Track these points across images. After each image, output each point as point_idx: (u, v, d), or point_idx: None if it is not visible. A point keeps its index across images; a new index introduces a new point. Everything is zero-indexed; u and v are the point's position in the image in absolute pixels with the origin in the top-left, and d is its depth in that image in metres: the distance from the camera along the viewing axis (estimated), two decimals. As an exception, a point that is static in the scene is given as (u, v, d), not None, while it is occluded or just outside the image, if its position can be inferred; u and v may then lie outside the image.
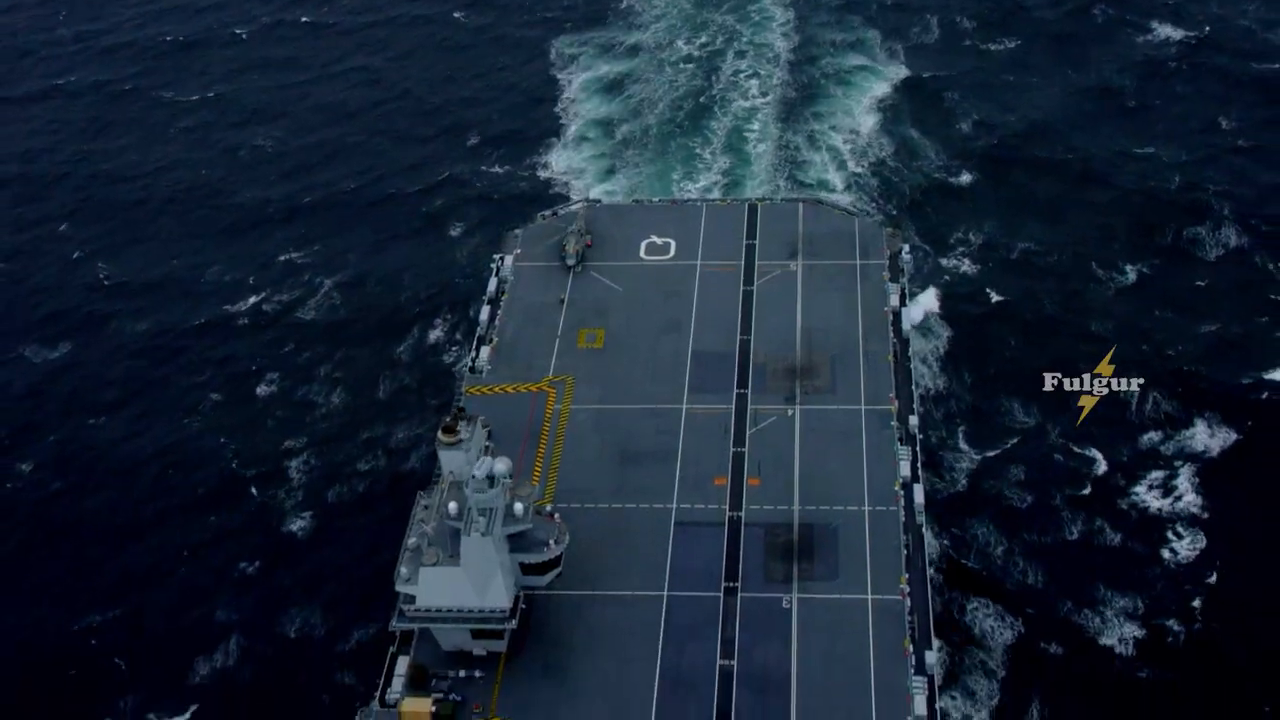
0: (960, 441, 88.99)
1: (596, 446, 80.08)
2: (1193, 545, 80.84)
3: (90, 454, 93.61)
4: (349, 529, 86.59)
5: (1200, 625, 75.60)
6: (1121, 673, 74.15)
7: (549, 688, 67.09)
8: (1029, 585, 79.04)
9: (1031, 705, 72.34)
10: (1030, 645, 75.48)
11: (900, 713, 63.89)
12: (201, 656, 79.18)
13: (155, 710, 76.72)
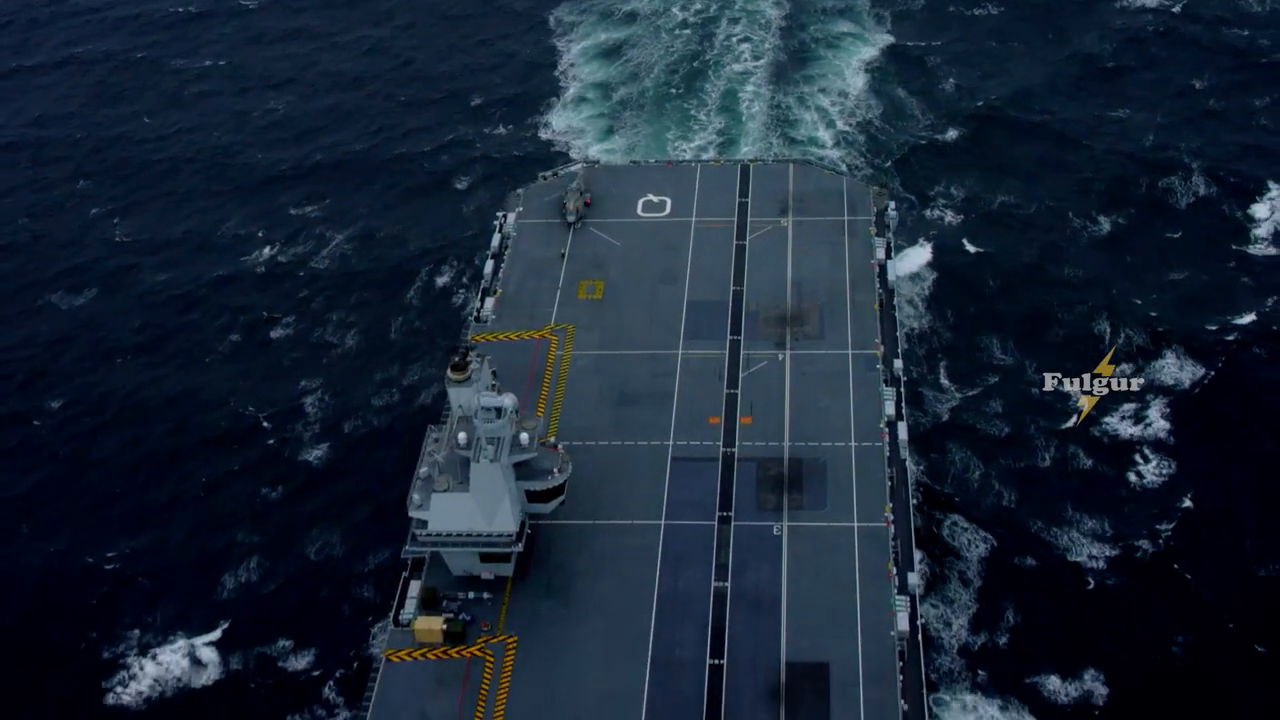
0: (941, 376, 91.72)
1: (596, 389, 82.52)
2: (1160, 470, 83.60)
3: (114, 395, 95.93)
4: (365, 460, 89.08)
5: (1165, 543, 78.52)
6: (1090, 585, 77.11)
7: (553, 608, 69.65)
8: (1003, 506, 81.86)
9: (1006, 613, 75.21)
10: (1004, 559, 78.34)
11: (884, 629, 66.52)
12: (228, 573, 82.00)
13: (183, 626, 79.43)
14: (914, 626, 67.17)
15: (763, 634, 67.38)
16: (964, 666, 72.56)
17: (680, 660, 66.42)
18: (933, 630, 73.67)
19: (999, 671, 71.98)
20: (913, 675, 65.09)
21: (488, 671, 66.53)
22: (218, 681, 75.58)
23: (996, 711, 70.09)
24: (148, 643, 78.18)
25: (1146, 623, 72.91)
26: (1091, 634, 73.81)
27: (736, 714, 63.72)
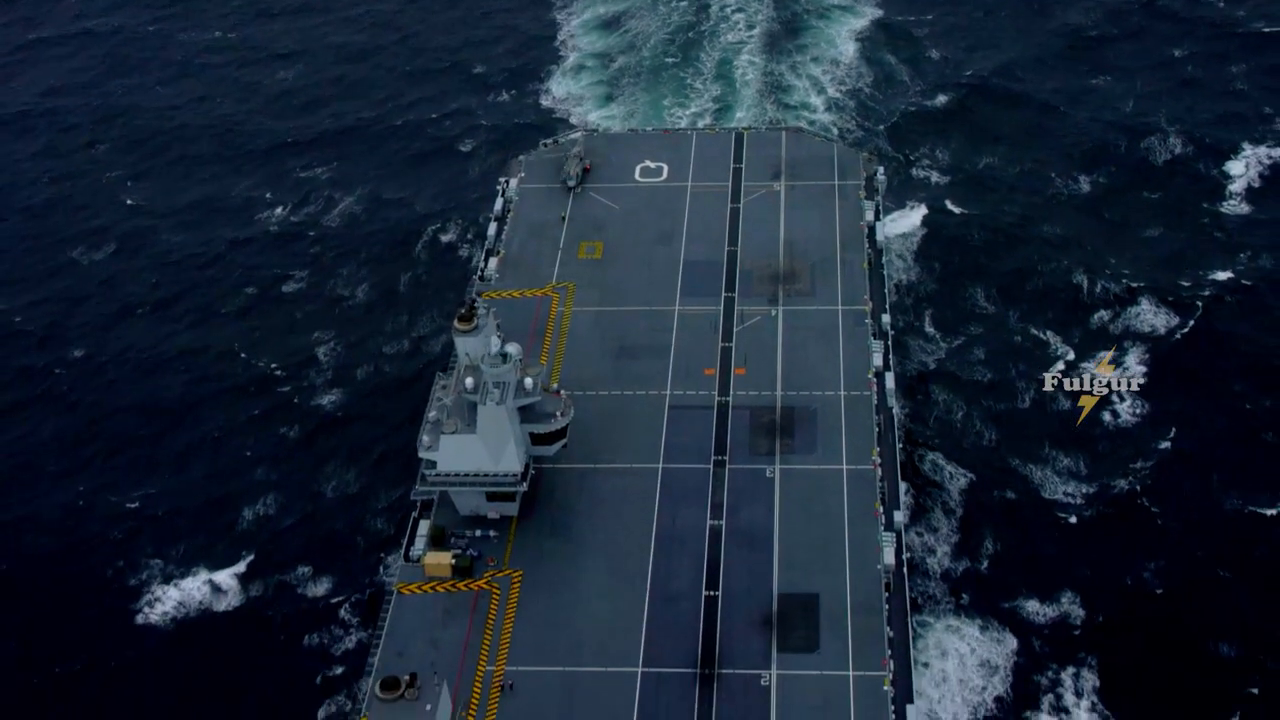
0: (926, 324, 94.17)
1: (596, 343, 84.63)
2: (1135, 411, 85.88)
3: (132, 347, 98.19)
4: (377, 405, 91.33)
5: (1138, 479, 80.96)
6: (1066, 518, 79.51)
7: (556, 545, 71.85)
8: (983, 445, 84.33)
9: (985, 541, 77.70)
10: (983, 492, 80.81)
11: (871, 562, 68.75)
12: (246, 509, 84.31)
13: (204, 557, 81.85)
14: (900, 560, 69.36)
15: (756, 568, 69.48)
16: (946, 591, 75.06)
17: (677, 592, 68.48)
18: (917, 557, 76.11)
19: (980, 595, 74.49)
20: (898, 605, 67.20)
21: (494, 603, 68.54)
22: (239, 607, 78.07)
23: (977, 631, 72.56)
24: (170, 573, 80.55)
25: (1119, 552, 75.38)
26: (1067, 562, 76.24)
27: (731, 641, 65.73)
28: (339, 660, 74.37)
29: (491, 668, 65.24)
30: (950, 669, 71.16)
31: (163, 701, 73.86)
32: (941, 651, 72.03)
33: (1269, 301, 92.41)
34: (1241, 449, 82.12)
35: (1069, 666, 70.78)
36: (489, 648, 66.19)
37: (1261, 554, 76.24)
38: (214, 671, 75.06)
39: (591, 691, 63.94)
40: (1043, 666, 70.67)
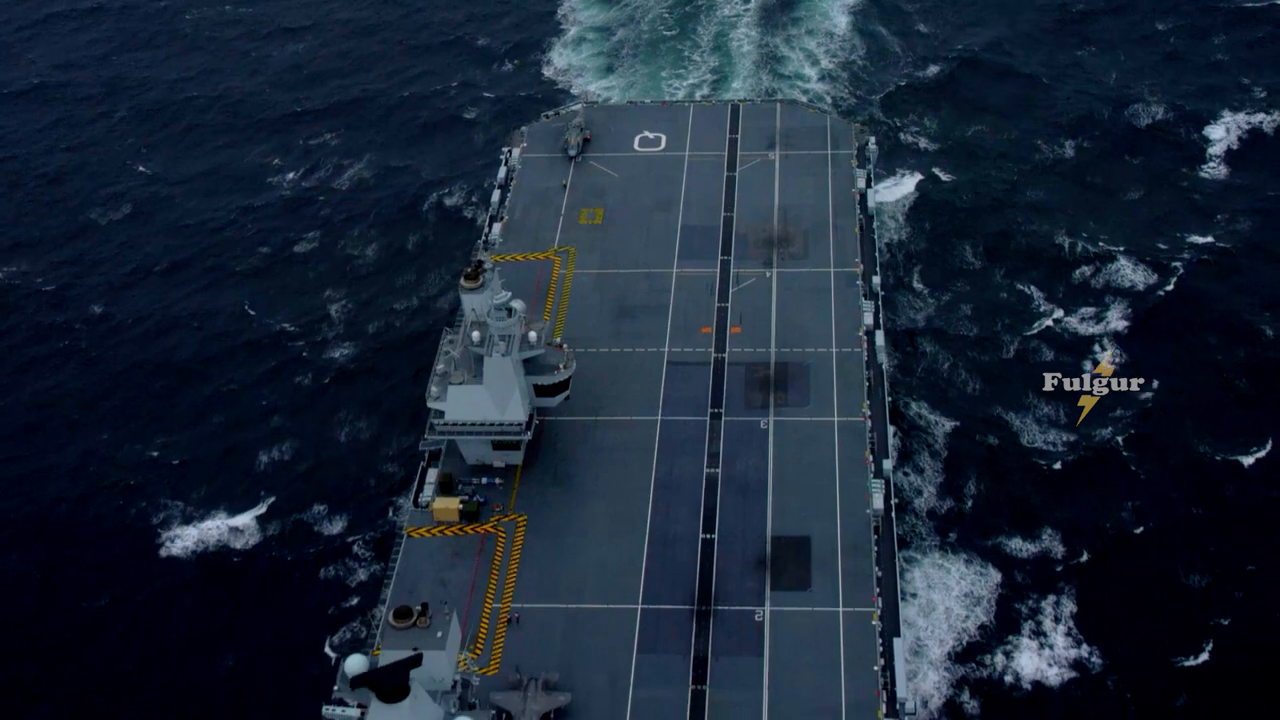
0: (915, 280, 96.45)
1: (597, 303, 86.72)
2: (1114, 362, 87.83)
3: (152, 306, 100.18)
4: (387, 358, 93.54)
5: (1117, 427, 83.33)
6: (1046, 462, 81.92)
7: (559, 492, 74.09)
8: (968, 394, 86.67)
9: (969, 482, 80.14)
10: (967, 437, 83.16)
11: (860, 508, 71.05)
12: (262, 453, 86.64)
13: (224, 498, 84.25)
14: (888, 505, 71.56)
15: (750, 513, 71.79)
16: (932, 529, 77.46)
17: (675, 536, 70.78)
18: (905, 496, 78.55)
19: (964, 533, 77.04)
20: (886, 548, 69.49)
21: (500, 546, 70.80)
22: (257, 544, 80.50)
23: (962, 566, 75.00)
24: (190, 514, 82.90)
25: (1098, 494, 77.78)
26: (1048, 503, 78.70)
27: (726, 581, 68.02)
28: (354, 592, 76.85)
29: (498, 605, 67.37)
30: (936, 599, 73.72)
31: (185, 632, 76.23)
32: (928, 584, 74.52)
33: (1243, 263, 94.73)
34: (1215, 400, 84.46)
35: (1049, 595, 73.51)
36: (495, 587, 68.44)
37: (1231, 494, 78.90)
38: (234, 603, 77.51)
39: (594, 626, 66.17)
40: (1024, 596, 73.33)
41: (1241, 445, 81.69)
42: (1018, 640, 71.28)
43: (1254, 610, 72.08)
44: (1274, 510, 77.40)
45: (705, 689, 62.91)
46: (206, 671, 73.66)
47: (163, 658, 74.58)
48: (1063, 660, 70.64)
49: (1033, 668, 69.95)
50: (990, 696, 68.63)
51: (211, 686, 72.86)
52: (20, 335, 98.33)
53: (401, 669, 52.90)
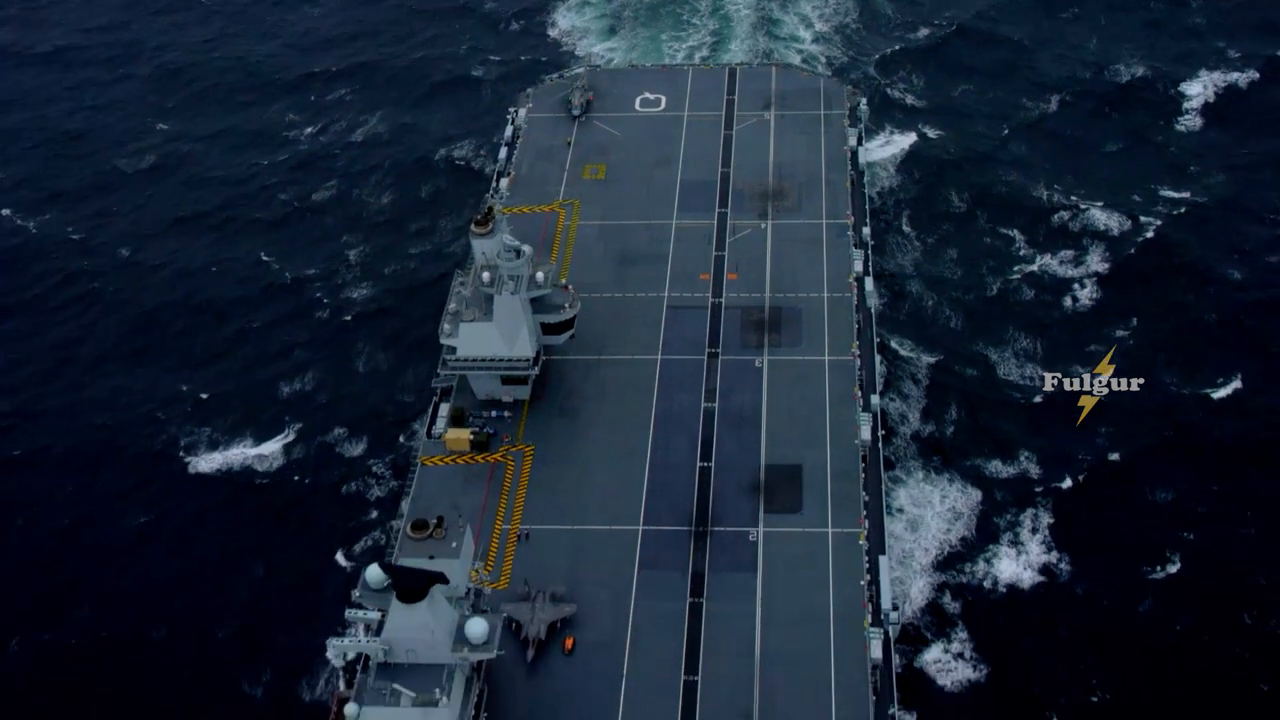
0: (904, 224, 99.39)
1: (600, 252, 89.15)
2: (1092, 297, 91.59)
3: (179, 253, 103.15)
4: (403, 298, 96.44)
5: (1090, 358, 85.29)
6: (1023, 395, 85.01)
7: (564, 424, 76.74)
8: (951, 329, 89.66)
9: (950, 409, 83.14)
10: (949, 368, 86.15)
11: (849, 438, 73.73)
12: (284, 384, 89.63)
13: (250, 424, 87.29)
14: (875, 437, 74.28)
15: (745, 443, 74.45)
16: (916, 451, 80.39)
17: (674, 464, 73.44)
18: (890, 422, 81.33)
19: (946, 455, 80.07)
20: (873, 475, 72.22)
21: (509, 473, 73.51)
22: (282, 466, 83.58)
23: (945, 484, 77.99)
24: (217, 440, 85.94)
25: (1072, 424, 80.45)
26: (1025, 431, 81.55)
27: (722, 504, 70.79)
28: (373, 505, 79.90)
29: (507, 526, 70.17)
30: (920, 515, 76.69)
31: (215, 546, 79.35)
32: (913, 502, 77.45)
33: (1214, 214, 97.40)
34: (1184, 339, 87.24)
35: (1027, 509, 76.63)
36: (504, 509, 71.15)
37: (1196, 422, 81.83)
38: (262, 517, 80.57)
39: (597, 545, 68.93)
40: (1002, 512, 76.39)
41: (1206, 378, 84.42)
42: (996, 550, 74.36)
43: (1218, 528, 75.07)
44: (1240, 439, 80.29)
45: (702, 602, 65.58)
46: (236, 581, 76.92)
47: (194, 570, 77.72)
48: (1037, 566, 73.76)
49: (1010, 573, 73.10)
50: (969, 599, 71.89)
51: (241, 595, 76.13)
52: (52, 279, 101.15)
53: (423, 576, 55.59)
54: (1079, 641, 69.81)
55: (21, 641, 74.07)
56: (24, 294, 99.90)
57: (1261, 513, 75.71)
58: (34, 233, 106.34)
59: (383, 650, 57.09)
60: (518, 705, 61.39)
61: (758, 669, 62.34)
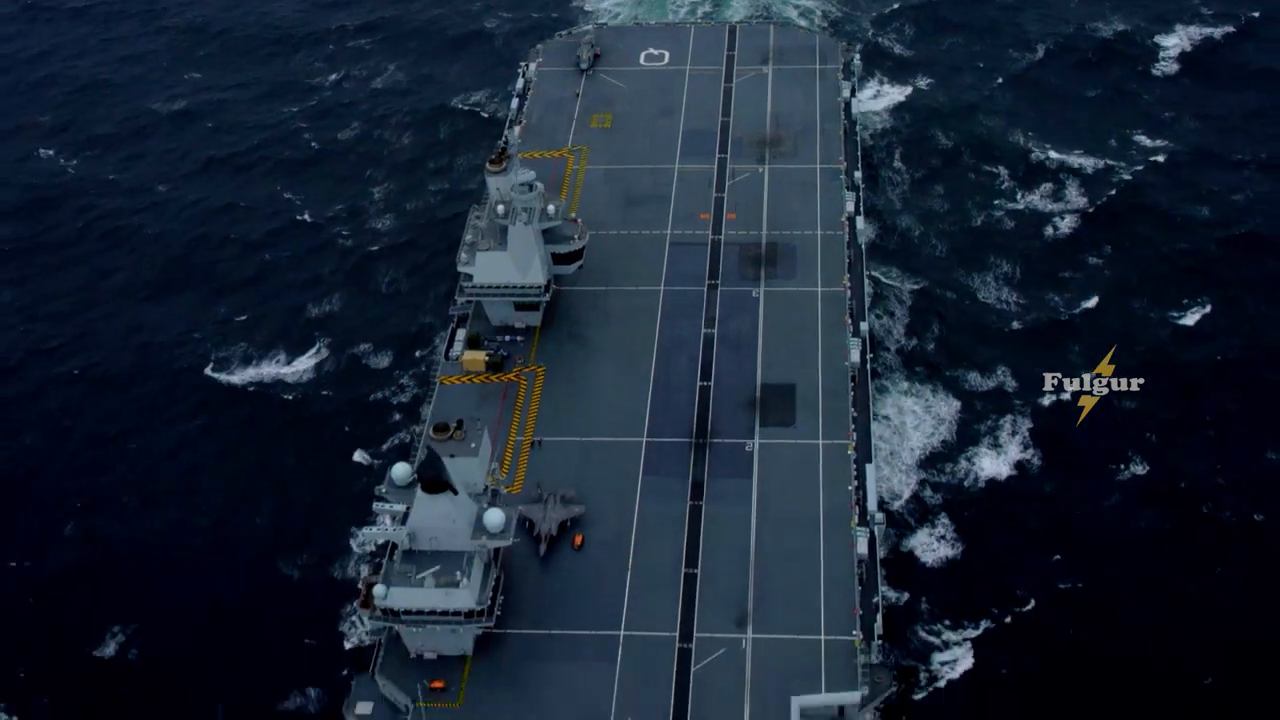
0: (895, 160, 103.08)
1: (607, 194, 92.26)
2: (1070, 226, 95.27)
3: (209, 193, 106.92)
4: (423, 229, 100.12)
5: (1065, 283, 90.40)
6: (996, 317, 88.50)
7: (574, 348, 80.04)
8: (936, 255, 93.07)
9: (932, 326, 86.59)
10: (932, 292, 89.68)
11: (839, 360, 76.99)
12: (312, 304, 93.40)
13: (281, 340, 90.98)
14: (864, 359, 77.61)
15: (742, 365, 77.72)
16: (901, 363, 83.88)
17: (676, 383, 76.72)
18: (877, 336, 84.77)
19: (929, 367, 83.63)
20: (861, 393, 75.54)
21: (521, 392, 76.90)
22: (313, 378, 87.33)
23: (929, 394, 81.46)
24: (251, 355, 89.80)
25: (1047, 343, 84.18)
26: (1003, 349, 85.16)
27: (720, 419, 74.10)
28: (397, 409, 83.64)
29: (520, 438, 73.60)
30: (906, 421, 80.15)
31: (253, 448, 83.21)
32: (898, 409, 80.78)
33: (1184, 159, 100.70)
34: (1154, 270, 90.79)
35: (1006, 416, 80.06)
36: (518, 423, 74.56)
37: (1163, 342, 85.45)
38: (295, 422, 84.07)
39: (605, 455, 72.27)
40: (982, 419, 79.86)
41: (1176, 304, 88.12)
42: (976, 450, 77.94)
43: (1180, 435, 78.85)
44: (1202, 358, 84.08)
45: (701, 505, 68.99)
46: (271, 479, 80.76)
47: (233, 470, 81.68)
48: (1015, 463, 77.52)
49: (990, 471, 76.81)
50: (950, 493, 75.74)
51: (276, 491, 79.95)
52: (92, 214, 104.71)
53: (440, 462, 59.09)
54: (1048, 533, 73.51)
55: (75, 528, 78.63)
56: (67, 229, 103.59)
57: (1219, 421, 79.63)
58: (73, 173, 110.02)
59: (408, 538, 60.41)
60: (531, 595, 64.85)
61: (752, 563, 65.63)
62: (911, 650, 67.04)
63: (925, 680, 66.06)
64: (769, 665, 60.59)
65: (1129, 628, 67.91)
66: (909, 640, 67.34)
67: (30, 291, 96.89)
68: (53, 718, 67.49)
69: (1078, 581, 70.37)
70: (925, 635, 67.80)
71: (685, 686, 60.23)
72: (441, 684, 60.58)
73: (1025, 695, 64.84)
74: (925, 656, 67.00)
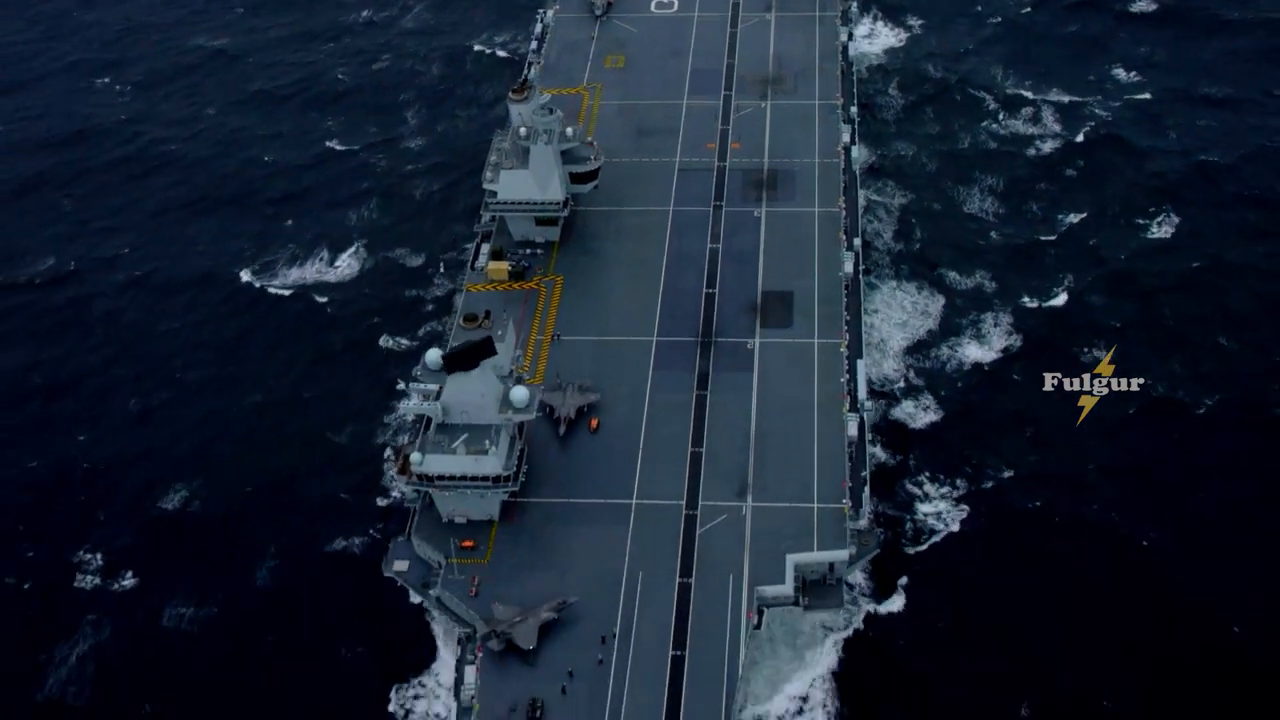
0: (890, 88, 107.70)
1: (620, 126, 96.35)
2: (1053, 145, 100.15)
3: (252, 122, 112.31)
4: (452, 149, 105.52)
5: (1043, 194, 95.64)
6: (975, 224, 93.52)
7: (590, 260, 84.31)
8: (926, 171, 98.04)
9: (916, 230, 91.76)
10: (919, 203, 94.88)
11: (834, 271, 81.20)
12: (352, 211, 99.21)
13: (325, 240, 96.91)
14: (857, 271, 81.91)
15: (744, 275, 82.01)
16: (889, 261, 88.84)
17: (684, 290, 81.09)
18: (868, 236, 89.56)
19: (914, 266, 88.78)
20: (854, 300, 79.89)
21: (541, 298, 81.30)
22: (355, 276, 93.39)
23: (914, 290, 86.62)
24: (296, 255, 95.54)
25: (1026, 249, 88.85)
26: (982, 249, 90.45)
27: (724, 321, 78.49)
28: (430, 303, 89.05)
29: (541, 336, 78.12)
30: (894, 314, 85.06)
31: (308, 339, 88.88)
32: (887, 304, 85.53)
33: (1159, 94, 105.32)
34: (1126, 189, 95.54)
35: (986, 312, 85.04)
36: (539, 322, 79.04)
37: (1133, 250, 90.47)
38: (340, 312, 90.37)
39: (619, 352, 76.79)
40: (965, 313, 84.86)
41: (1144, 213, 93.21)
42: (959, 339, 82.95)
43: (1142, 331, 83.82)
44: (1166, 268, 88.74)
45: (706, 394, 73.51)
46: (319, 364, 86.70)
47: (285, 356, 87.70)
48: (997, 349, 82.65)
49: (973, 357, 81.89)
50: (933, 376, 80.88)
51: (322, 373, 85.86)
52: (146, 139, 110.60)
53: (475, 348, 63.60)
54: (1024, 411, 78.55)
55: (137, 404, 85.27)
56: (119, 152, 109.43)
57: (1182, 321, 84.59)
58: (123, 104, 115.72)
59: (441, 411, 65.03)
60: (551, 470, 69.48)
61: (752, 443, 70.13)
62: (898, 502, 72.16)
63: (910, 530, 71.24)
64: (767, 528, 65.11)
65: (1098, 495, 73.14)
66: (896, 494, 72.52)
67: (89, 206, 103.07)
68: (129, 555, 73.88)
69: (1049, 455, 75.22)
70: (910, 488, 73.11)
71: (691, 547, 64.60)
72: (471, 544, 64.93)
73: (997, 550, 69.70)
74: (909, 507, 72.33)
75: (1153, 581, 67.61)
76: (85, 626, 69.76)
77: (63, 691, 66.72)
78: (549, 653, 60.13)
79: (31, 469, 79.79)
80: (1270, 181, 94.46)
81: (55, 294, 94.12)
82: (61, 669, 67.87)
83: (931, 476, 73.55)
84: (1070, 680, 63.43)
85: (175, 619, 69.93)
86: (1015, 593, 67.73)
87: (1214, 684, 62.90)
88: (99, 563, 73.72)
